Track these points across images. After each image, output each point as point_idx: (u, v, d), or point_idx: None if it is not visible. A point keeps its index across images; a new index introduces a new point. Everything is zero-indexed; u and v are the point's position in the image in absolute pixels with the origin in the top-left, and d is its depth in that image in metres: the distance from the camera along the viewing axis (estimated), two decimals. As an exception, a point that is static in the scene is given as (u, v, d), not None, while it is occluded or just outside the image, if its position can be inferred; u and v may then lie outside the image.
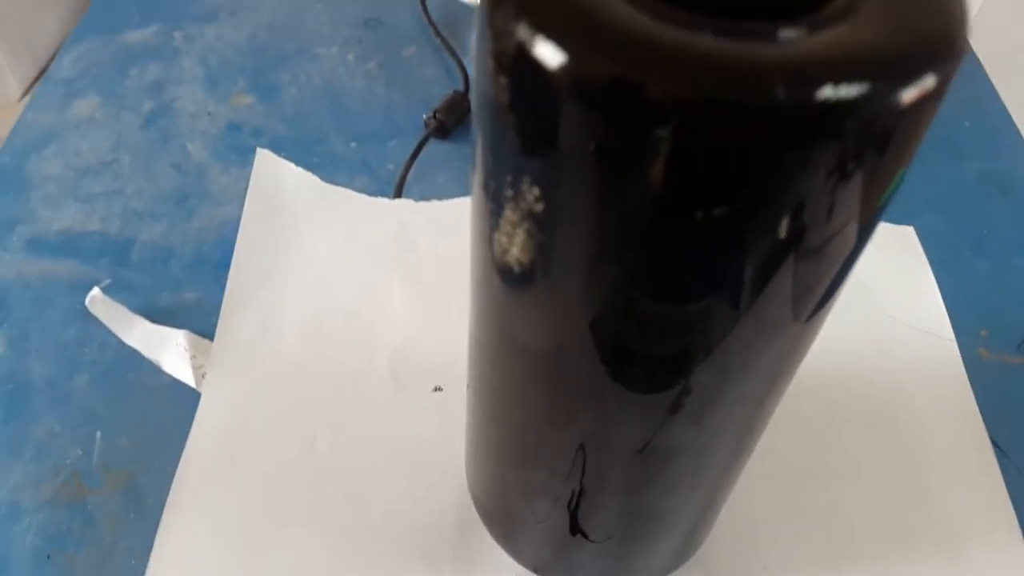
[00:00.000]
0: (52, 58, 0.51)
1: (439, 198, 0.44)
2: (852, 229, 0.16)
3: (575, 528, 0.24)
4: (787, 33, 0.13)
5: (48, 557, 0.32)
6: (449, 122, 0.47)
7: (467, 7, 0.45)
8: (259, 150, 0.45)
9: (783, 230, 0.15)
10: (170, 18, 0.55)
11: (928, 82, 0.13)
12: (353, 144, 0.47)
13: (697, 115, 0.13)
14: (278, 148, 0.46)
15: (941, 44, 0.14)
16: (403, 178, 0.45)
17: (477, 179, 0.18)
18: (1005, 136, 0.50)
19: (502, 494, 0.27)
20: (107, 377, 0.37)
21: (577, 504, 0.23)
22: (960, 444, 0.35)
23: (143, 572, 0.31)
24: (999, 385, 0.38)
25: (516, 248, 0.17)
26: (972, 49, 0.56)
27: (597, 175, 0.14)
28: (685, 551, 0.29)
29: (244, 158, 0.46)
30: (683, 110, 0.13)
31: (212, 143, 0.47)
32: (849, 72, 0.13)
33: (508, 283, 0.18)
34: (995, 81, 0.54)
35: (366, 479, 0.33)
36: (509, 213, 0.16)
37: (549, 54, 0.13)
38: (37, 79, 0.89)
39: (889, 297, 0.39)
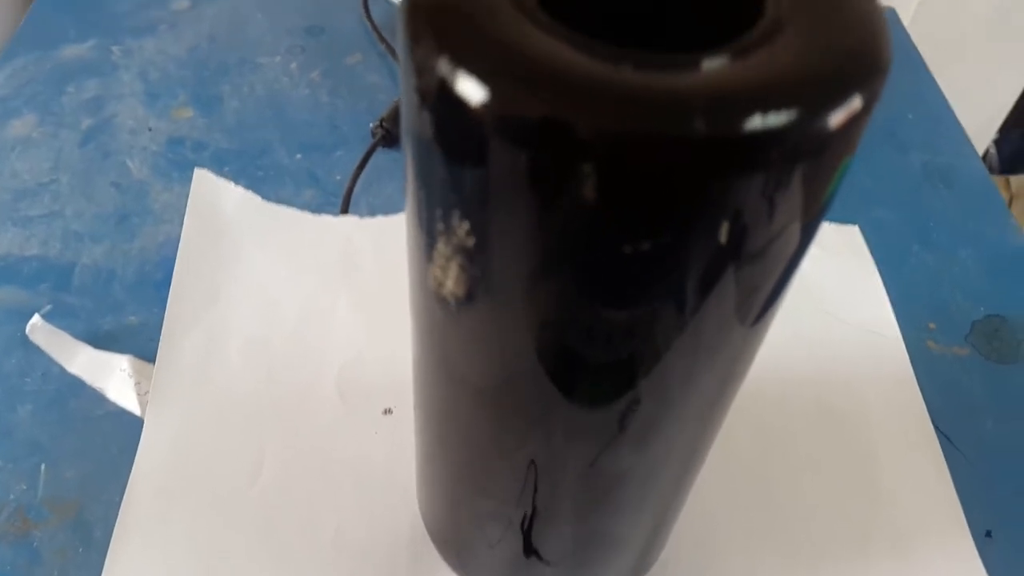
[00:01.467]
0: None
1: (388, 208, 0.43)
2: (791, 239, 0.15)
3: (529, 550, 0.24)
4: (711, 62, 0.13)
5: (-7, 597, 0.31)
6: (396, 130, 0.47)
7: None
8: (196, 170, 0.44)
9: (716, 254, 0.15)
10: (108, 32, 0.54)
11: (855, 103, 0.13)
12: (299, 155, 0.46)
13: (622, 151, 0.13)
14: (221, 161, 0.45)
15: (865, 63, 0.14)
16: (351, 189, 0.44)
17: (409, 211, 0.17)
18: (947, 128, 0.51)
19: (454, 519, 0.27)
20: (50, 407, 0.36)
21: (530, 526, 0.23)
22: (908, 440, 0.35)
23: (92, 608, 0.30)
24: (947, 376, 0.38)
25: (450, 281, 0.17)
26: (912, 41, 0.57)
27: (526, 209, 0.14)
28: (641, 567, 0.29)
29: (186, 174, 0.45)
30: (608, 146, 0.13)
31: (153, 159, 0.46)
32: (772, 101, 0.13)
33: (445, 315, 0.18)
34: (935, 73, 0.54)
35: (315, 504, 0.32)
36: (442, 247, 0.16)
37: (472, 91, 0.13)
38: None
39: (834, 297, 0.40)
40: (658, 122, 0.12)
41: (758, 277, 0.16)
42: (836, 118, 0.13)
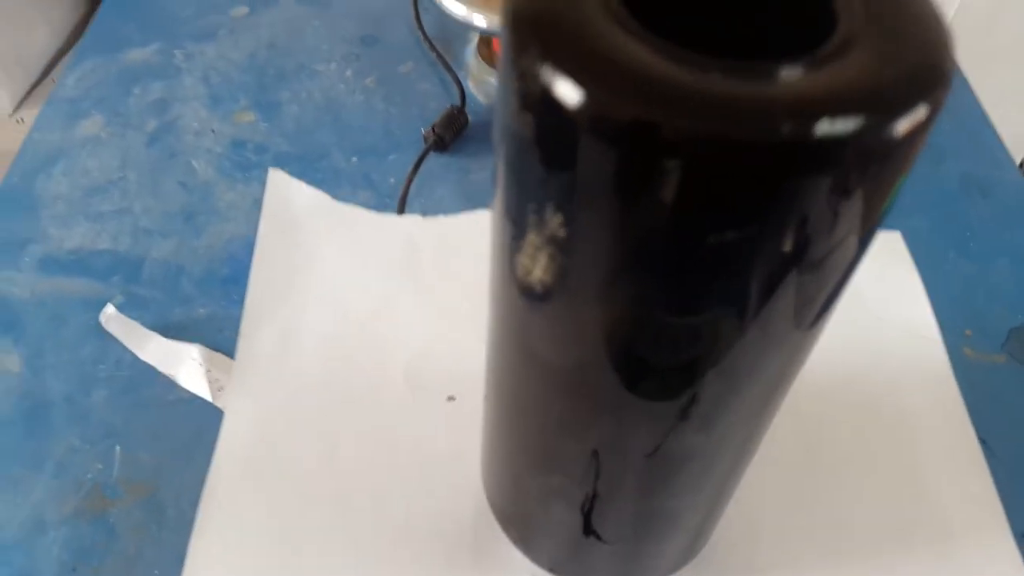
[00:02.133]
0: (45, 72, 0.52)
1: (440, 210, 0.45)
2: (851, 246, 0.17)
3: (588, 530, 0.26)
4: (788, 72, 0.15)
5: (74, 570, 0.33)
6: (447, 136, 0.49)
7: (461, 23, 0.46)
8: (271, 170, 0.46)
9: (787, 253, 0.16)
10: (170, 37, 0.56)
11: (920, 113, 0.15)
12: (354, 159, 0.48)
13: (708, 152, 0.14)
14: (282, 164, 0.47)
15: (930, 75, 0.15)
16: (406, 191, 0.46)
17: (499, 205, 0.19)
18: (984, 138, 0.52)
19: (518, 497, 0.28)
20: (124, 392, 0.38)
21: (591, 507, 0.25)
22: (949, 440, 0.37)
23: (169, 581, 0.32)
24: (984, 383, 0.39)
25: (539, 269, 0.18)
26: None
27: (617, 205, 0.15)
28: (692, 549, 0.30)
29: (249, 175, 0.47)
30: (695, 147, 0.14)
31: (217, 160, 0.48)
32: (845, 108, 0.14)
33: (529, 301, 0.19)
34: (973, 84, 0.55)
35: (386, 486, 0.34)
36: (532, 237, 0.18)
37: (572, 96, 0.14)
38: (29, 93, 0.89)
39: (879, 301, 0.41)
40: (742, 126, 0.14)
41: (820, 279, 0.17)
42: (902, 126, 0.14)
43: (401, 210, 0.45)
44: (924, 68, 0.15)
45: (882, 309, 0.41)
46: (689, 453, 0.22)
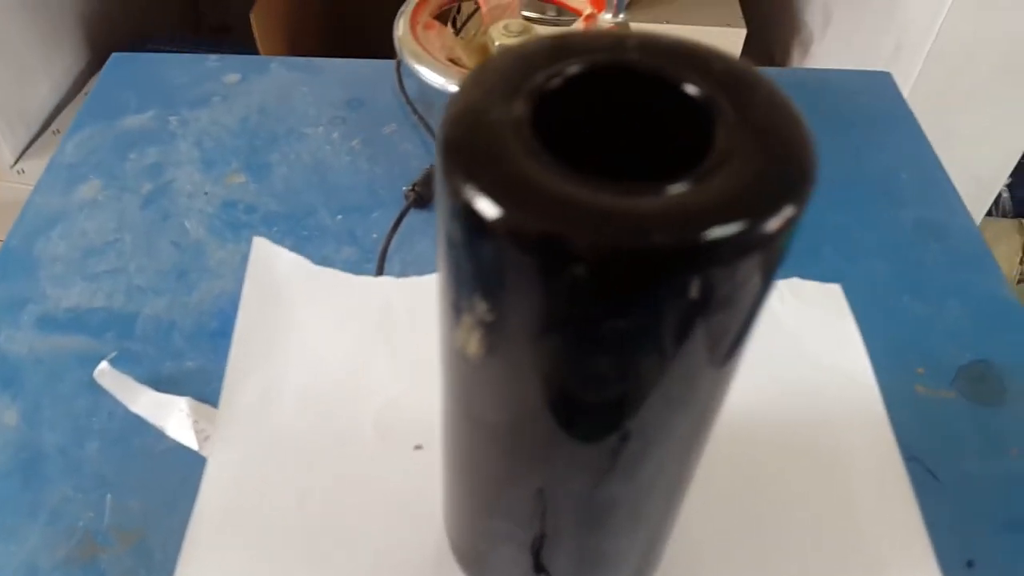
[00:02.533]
0: (45, 125, 0.54)
1: (419, 262, 0.48)
2: (741, 314, 0.19)
3: (539, 567, 0.28)
4: (675, 188, 0.17)
5: (66, 614, 0.34)
6: (427, 193, 0.51)
7: (440, 90, 0.50)
8: (255, 238, 0.48)
9: (684, 330, 0.18)
10: (166, 104, 0.59)
11: (788, 212, 0.17)
12: (339, 216, 0.51)
13: (605, 259, 0.16)
14: (270, 223, 0.50)
15: (797, 178, 0.18)
16: (386, 247, 0.48)
17: (441, 289, 0.21)
18: (939, 185, 0.54)
19: (474, 539, 0.31)
20: (116, 444, 0.40)
21: (539, 546, 0.27)
22: (882, 480, 0.38)
23: (156, 622, 0.34)
24: (934, 418, 0.41)
25: (472, 345, 0.21)
26: (910, 108, 0.61)
27: (531, 297, 0.18)
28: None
29: (239, 234, 0.49)
30: (593, 256, 0.16)
31: (209, 221, 0.51)
32: (721, 216, 0.16)
33: (467, 369, 0.22)
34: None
35: (355, 530, 0.36)
36: (466, 318, 0.20)
37: (490, 211, 0.17)
38: (30, 145, 0.92)
39: (816, 348, 0.43)
40: (632, 236, 0.16)
41: (720, 337, 0.20)
42: (774, 224, 0.17)
43: (381, 263, 0.48)
44: (791, 172, 0.18)
45: (820, 357, 0.43)
46: (622, 496, 0.24)
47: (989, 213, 1.16)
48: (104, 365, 0.42)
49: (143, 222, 0.51)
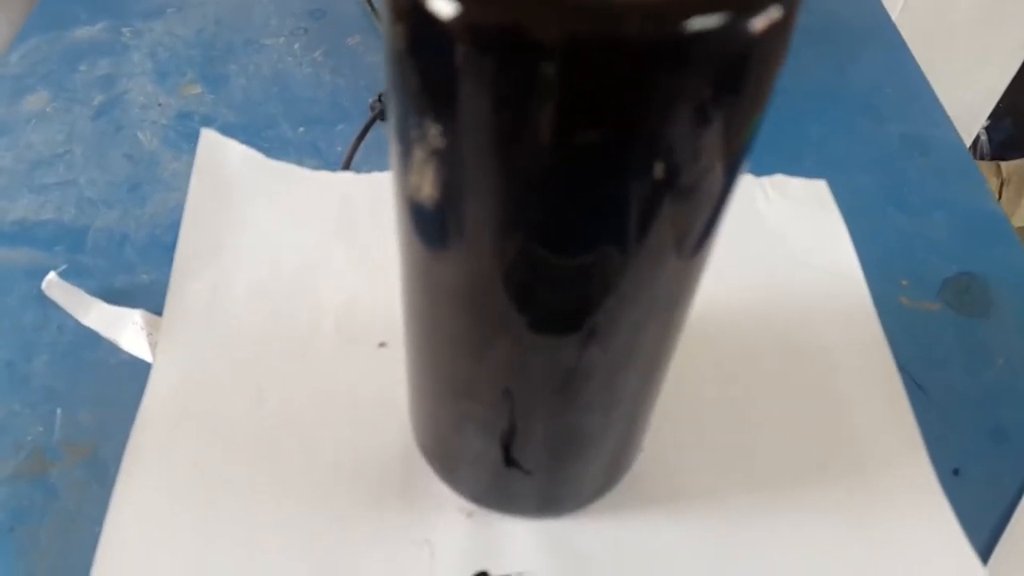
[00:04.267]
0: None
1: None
2: (719, 161, 0.17)
3: (509, 460, 0.26)
4: None
5: (11, 530, 0.33)
6: (394, 105, 0.49)
7: None
8: (203, 130, 0.46)
9: (658, 156, 0.16)
10: (117, 15, 0.56)
11: (774, 13, 0.15)
12: (301, 129, 0.49)
13: (574, 54, 0.14)
14: (227, 133, 0.47)
15: None
16: (350, 158, 0.46)
17: (391, 123, 0.19)
18: (924, 101, 0.53)
19: (441, 432, 0.29)
20: (66, 357, 0.38)
21: (509, 437, 0.25)
22: (870, 374, 0.37)
23: (107, 534, 0.32)
24: (919, 330, 0.40)
25: (427, 185, 0.19)
26: (893, 21, 0.59)
27: (491, 110, 0.16)
28: (613, 475, 0.31)
29: (194, 144, 0.46)
30: (561, 50, 0.14)
31: (163, 132, 0.48)
32: (702, 6, 0.14)
33: (424, 222, 0.20)
34: (927, 61, 0.56)
35: (314, 428, 0.34)
36: (418, 152, 0.18)
37: (439, 4, 0.15)
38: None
39: (801, 244, 0.42)
40: (604, 27, 0.14)
41: (701, 173, 0.18)
42: (758, 23, 0.15)
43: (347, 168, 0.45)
44: None
45: (806, 253, 0.41)
46: (592, 374, 0.22)
47: (967, 154, 1.16)
48: (52, 276, 0.40)
49: (94, 134, 0.48)
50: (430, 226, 0.20)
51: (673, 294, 0.21)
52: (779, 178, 0.45)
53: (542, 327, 0.21)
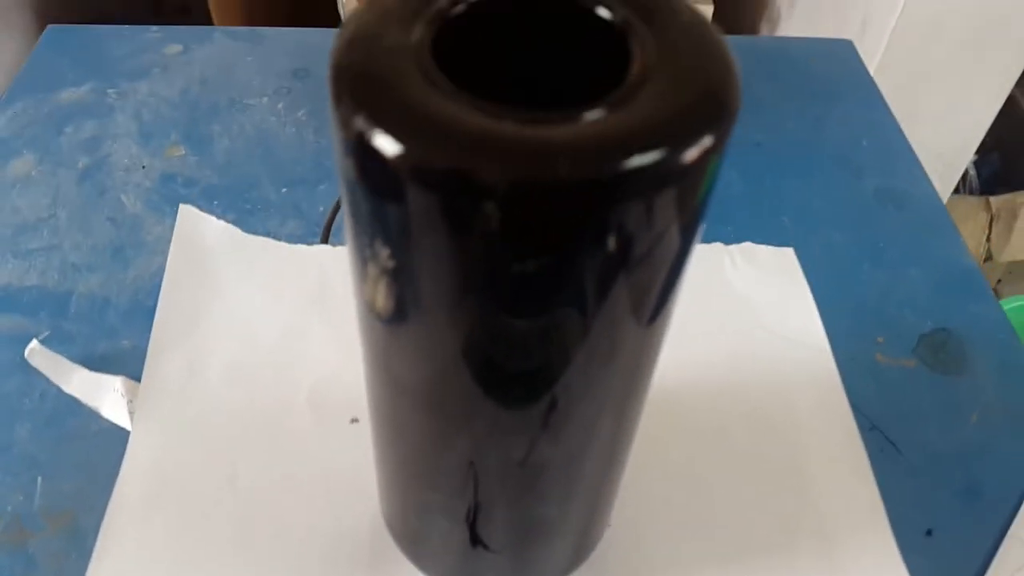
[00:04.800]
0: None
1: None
2: (665, 255, 0.18)
3: (475, 540, 0.26)
4: (589, 115, 0.16)
5: (-10, 601, 0.33)
6: (376, 164, 0.49)
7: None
8: (181, 206, 0.46)
9: (602, 269, 0.17)
10: (104, 76, 0.57)
11: (706, 142, 0.16)
12: (284, 189, 0.49)
13: (511, 192, 0.15)
14: (211, 197, 0.48)
15: (716, 108, 0.16)
16: (331, 221, 0.47)
17: (347, 237, 0.20)
18: (900, 154, 0.54)
19: (408, 514, 0.29)
20: (47, 425, 0.38)
21: (474, 518, 0.25)
22: (835, 444, 0.38)
23: (83, 609, 0.32)
24: (894, 387, 0.40)
25: (380, 298, 0.19)
26: (872, 77, 0.60)
27: (435, 238, 0.16)
28: (579, 553, 0.31)
29: (177, 208, 0.47)
30: (498, 189, 0.15)
31: (146, 195, 0.49)
32: (638, 145, 0.15)
33: (381, 326, 0.20)
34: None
35: (286, 508, 0.35)
36: (371, 268, 0.18)
37: (385, 145, 0.15)
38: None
39: (768, 313, 0.42)
40: (544, 167, 0.15)
41: (644, 284, 0.18)
42: (691, 154, 0.15)
43: (325, 237, 0.46)
44: (710, 102, 0.16)
45: (772, 321, 0.42)
46: (553, 460, 0.23)
47: (956, 190, 1.16)
48: (35, 344, 0.40)
49: (79, 197, 0.49)
50: (386, 330, 0.20)
51: (621, 395, 0.22)
52: (747, 246, 0.45)
53: (499, 418, 0.21)
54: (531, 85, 0.20)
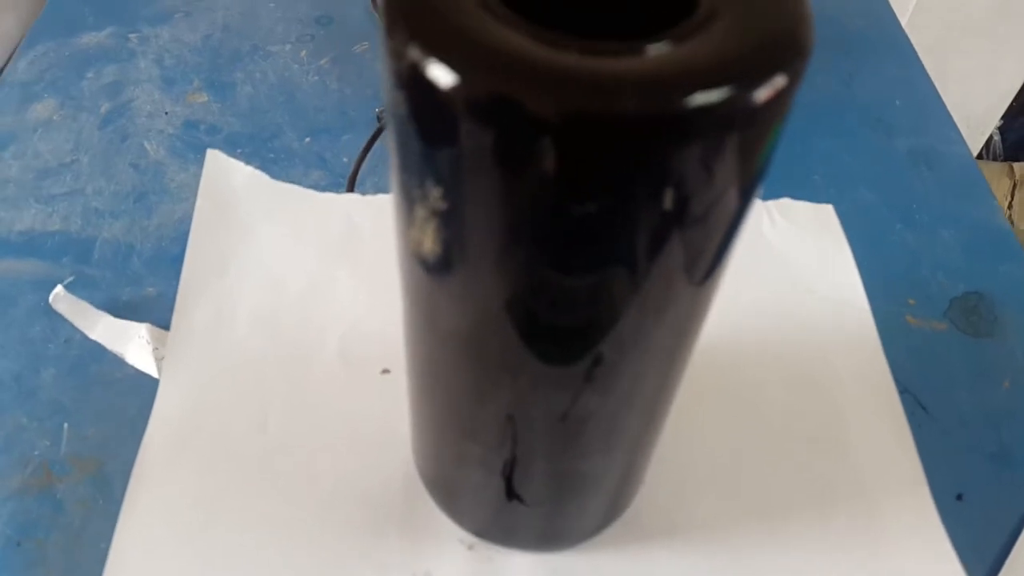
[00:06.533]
0: (8, 62, 0.52)
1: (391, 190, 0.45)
2: (726, 207, 0.17)
3: (511, 493, 0.26)
4: (654, 48, 0.15)
5: (19, 544, 0.33)
6: (401, 115, 0.49)
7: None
8: (209, 151, 0.46)
9: (659, 217, 0.16)
10: (125, 21, 0.56)
11: (779, 82, 0.15)
12: (308, 139, 0.49)
13: (569, 125, 0.14)
14: (233, 144, 0.47)
15: (788, 46, 0.15)
16: (356, 171, 0.46)
17: (393, 180, 0.19)
18: (934, 114, 0.52)
19: (442, 465, 0.29)
20: (72, 371, 0.38)
21: (511, 471, 0.25)
22: (873, 402, 0.37)
23: (112, 553, 0.32)
24: (925, 349, 0.40)
25: (428, 241, 0.18)
26: (904, 31, 0.58)
27: (489, 176, 0.16)
28: (614, 510, 0.31)
29: (201, 155, 0.47)
30: (556, 124, 0.14)
31: (169, 141, 0.48)
32: (706, 81, 0.14)
33: (426, 272, 0.20)
34: (938, 62, 0.56)
35: (317, 455, 0.35)
36: (419, 210, 0.18)
37: (440, 75, 0.15)
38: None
39: (807, 271, 0.41)
40: (607, 101, 0.14)
41: (701, 238, 0.18)
42: (763, 94, 0.15)
43: (351, 188, 0.45)
44: (783, 39, 0.16)
45: (812, 280, 0.41)
46: (596, 412, 0.22)
47: (980, 156, 1.15)
48: (60, 290, 0.40)
49: (101, 143, 0.48)
50: (431, 276, 0.20)
51: (680, 336, 0.21)
52: (785, 201, 0.45)
53: (544, 371, 0.21)
54: (591, 17, 0.19)
